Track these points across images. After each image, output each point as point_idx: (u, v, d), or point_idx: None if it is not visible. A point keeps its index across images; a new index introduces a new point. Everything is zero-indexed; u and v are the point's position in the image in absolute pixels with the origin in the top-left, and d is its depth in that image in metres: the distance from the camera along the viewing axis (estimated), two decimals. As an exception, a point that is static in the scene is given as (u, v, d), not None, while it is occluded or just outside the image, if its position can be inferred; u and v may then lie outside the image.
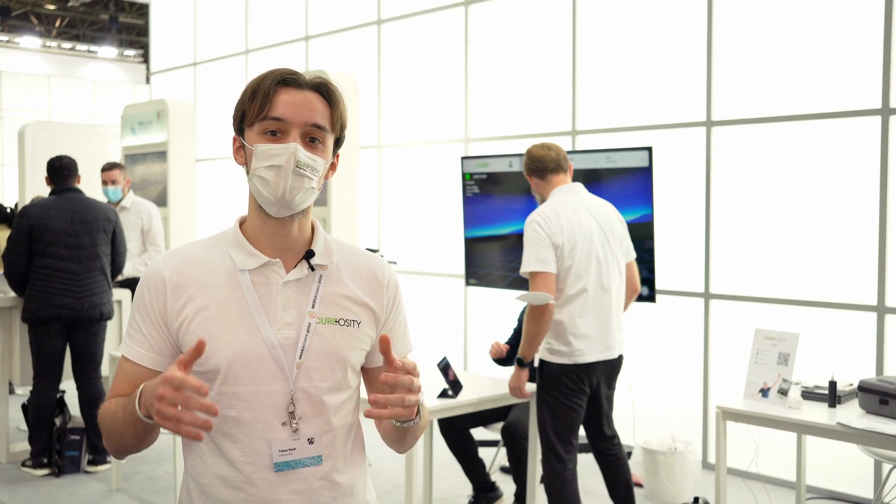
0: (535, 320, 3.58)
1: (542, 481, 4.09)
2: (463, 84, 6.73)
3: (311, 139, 1.60)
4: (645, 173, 4.89)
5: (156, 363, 1.62)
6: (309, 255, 1.64)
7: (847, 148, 4.78)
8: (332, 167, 1.69)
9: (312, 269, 1.65)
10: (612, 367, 3.81)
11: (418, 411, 1.57)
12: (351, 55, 7.69)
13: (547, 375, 3.73)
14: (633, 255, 3.93)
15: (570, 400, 3.71)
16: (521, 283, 5.03)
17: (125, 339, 1.66)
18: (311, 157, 1.59)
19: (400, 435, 1.67)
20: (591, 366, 3.69)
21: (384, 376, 1.48)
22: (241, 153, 1.65)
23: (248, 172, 1.62)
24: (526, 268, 3.60)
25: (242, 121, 1.63)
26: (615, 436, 3.97)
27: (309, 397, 1.61)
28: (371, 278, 1.70)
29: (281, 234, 1.63)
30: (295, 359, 1.60)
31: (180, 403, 1.37)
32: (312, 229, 1.70)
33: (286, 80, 1.60)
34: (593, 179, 5.16)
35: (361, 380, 1.77)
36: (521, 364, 3.73)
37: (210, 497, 1.63)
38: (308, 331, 1.62)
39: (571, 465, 3.79)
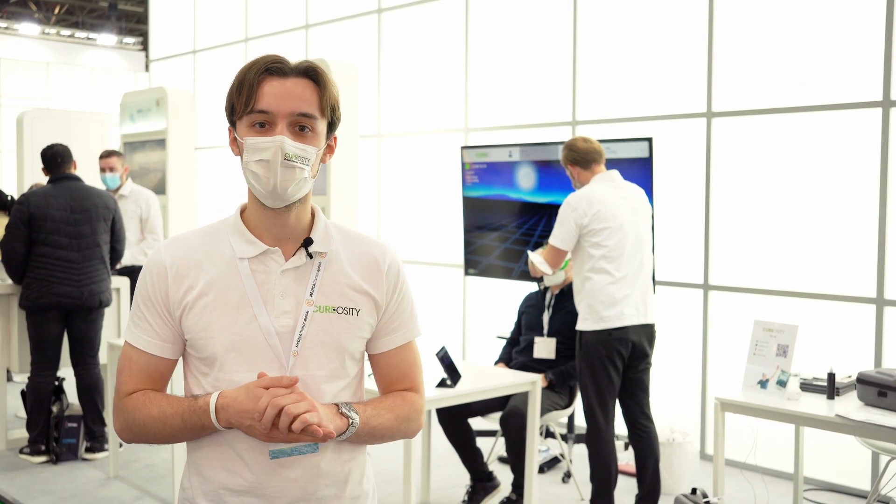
0: (535, 265, 4.24)
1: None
2: (463, 74, 6.71)
3: (300, 128, 1.59)
4: (645, 164, 4.88)
5: (163, 350, 1.64)
6: (307, 242, 1.64)
7: (847, 140, 4.77)
8: (330, 150, 1.68)
9: (311, 256, 1.64)
10: (647, 333, 4.14)
11: (350, 422, 1.60)
12: (351, 44, 7.66)
13: (585, 344, 4.06)
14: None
15: (605, 366, 4.04)
16: (520, 275, 5.03)
17: (129, 327, 1.66)
18: (301, 147, 1.58)
19: (359, 440, 1.68)
20: (624, 330, 4.01)
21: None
22: (236, 144, 1.64)
23: (241, 164, 1.62)
24: (550, 240, 4.14)
25: (233, 113, 1.62)
26: (646, 410, 4.27)
27: (305, 386, 1.60)
28: (371, 264, 1.69)
29: (279, 222, 1.63)
30: (292, 347, 1.61)
31: None
32: (313, 216, 1.69)
33: (270, 69, 1.58)
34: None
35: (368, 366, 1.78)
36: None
37: (208, 480, 1.65)
38: (305, 319, 1.61)
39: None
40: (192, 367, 1.66)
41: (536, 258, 4.20)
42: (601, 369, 4.04)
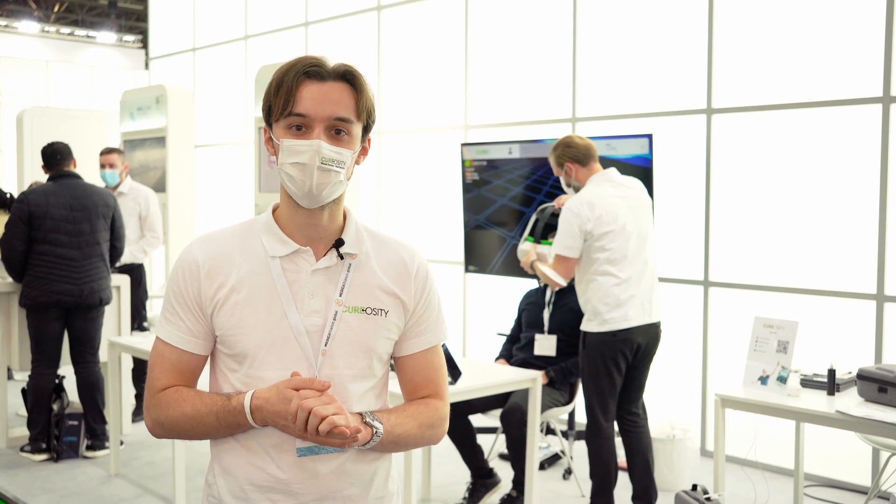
0: (549, 278, 4.12)
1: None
2: (463, 71, 6.70)
3: (336, 131, 1.60)
4: (645, 161, 4.88)
5: (196, 346, 1.66)
6: (338, 243, 1.65)
7: (847, 136, 4.77)
8: (364, 151, 1.69)
9: (342, 257, 1.65)
10: (653, 333, 4.12)
11: (374, 431, 1.60)
12: (351, 41, 7.66)
13: (588, 345, 4.03)
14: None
15: (608, 366, 4.02)
16: (520, 271, 5.02)
17: (161, 323, 1.68)
18: (337, 151, 1.59)
19: (384, 448, 1.68)
20: (628, 332, 3.98)
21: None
22: (272, 144, 1.65)
23: (277, 165, 1.63)
24: (555, 250, 4.05)
25: (270, 114, 1.63)
26: (643, 410, 4.27)
27: (333, 385, 1.61)
28: (400, 267, 1.71)
29: (312, 222, 1.64)
30: (321, 346, 1.62)
31: None
32: (344, 217, 1.70)
33: (309, 72, 1.59)
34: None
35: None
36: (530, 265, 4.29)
37: (234, 477, 1.66)
38: (334, 319, 1.63)
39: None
40: (221, 364, 1.67)
41: (549, 271, 4.08)
42: (603, 370, 4.02)
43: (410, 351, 1.73)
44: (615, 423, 4.25)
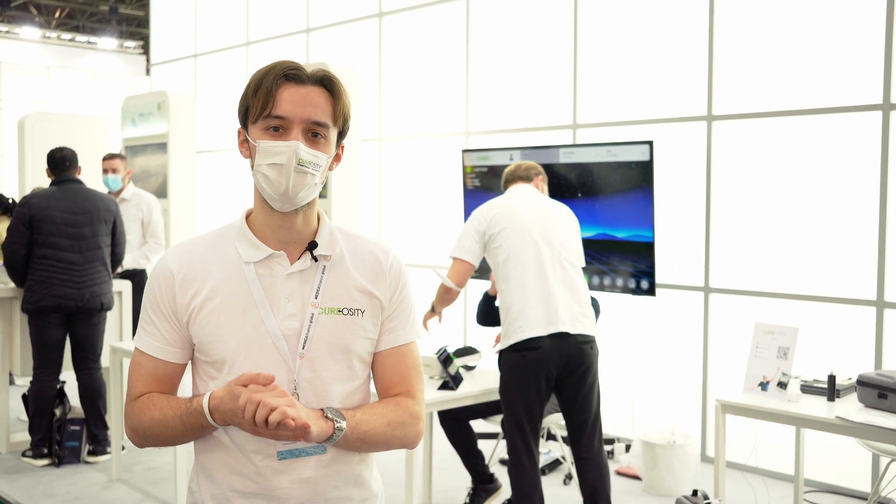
0: (441, 294, 4.00)
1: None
2: (464, 77, 6.72)
3: (313, 134, 1.61)
4: (646, 167, 4.90)
5: (172, 355, 1.67)
6: (312, 246, 1.66)
7: (848, 143, 4.78)
8: (337, 158, 1.70)
9: (316, 259, 1.66)
10: (572, 347, 3.64)
11: (336, 426, 1.57)
12: (352, 48, 7.68)
13: (502, 367, 3.77)
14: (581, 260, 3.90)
15: (524, 386, 3.68)
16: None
17: (139, 333, 1.69)
18: (313, 154, 1.60)
19: (351, 446, 1.65)
20: (539, 351, 3.60)
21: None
22: (246, 146, 1.67)
23: (252, 167, 1.64)
24: (451, 252, 3.88)
25: (246, 116, 1.64)
26: (582, 440, 3.79)
27: (313, 387, 1.62)
28: (374, 265, 1.71)
29: (286, 226, 1.65)
30: (298, 349, 1.62)
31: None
32: (318, 220, 1.71)
33: (288, 75, 1.61)
34: (594, 173, 5.17)
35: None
36: (432, 309, 4.12)
37: (217, 483, 1.66)
38: (311, 321, 1.63)
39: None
40: (201, 371, 1.68)
41: (443, 278, 3.87)
42: (518, 397, 3.68)
43: (381, 347, 1.72)
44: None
